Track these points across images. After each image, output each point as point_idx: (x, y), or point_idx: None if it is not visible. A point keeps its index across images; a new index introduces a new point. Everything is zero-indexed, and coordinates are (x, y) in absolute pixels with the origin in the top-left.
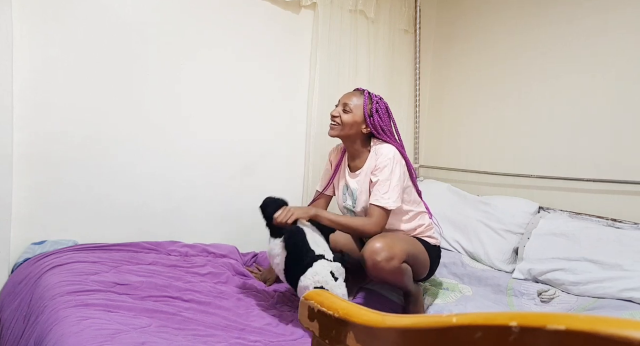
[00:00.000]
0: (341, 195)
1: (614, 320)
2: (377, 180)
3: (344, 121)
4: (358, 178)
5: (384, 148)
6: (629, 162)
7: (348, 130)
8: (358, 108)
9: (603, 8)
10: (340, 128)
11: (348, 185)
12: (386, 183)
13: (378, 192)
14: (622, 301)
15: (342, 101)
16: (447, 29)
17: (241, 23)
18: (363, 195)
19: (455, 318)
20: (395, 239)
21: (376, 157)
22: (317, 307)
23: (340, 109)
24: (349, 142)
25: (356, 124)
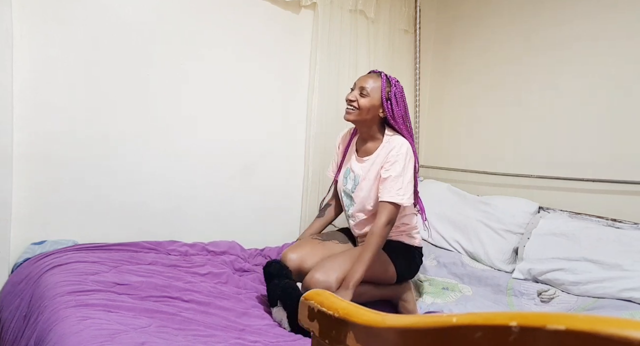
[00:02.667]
0: (342, 178)
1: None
2: (389, 175)
3: (361, 105)
4: (364, 164)
5: (398, 140)
6: (629, 162)
7: (365, 114)
8: (375, 91)
9: (603, 10)
10: (357, 113)
11: (352, 168)
12: (399, 179)
13: (392, 188)
14: (622, 301)
15: (359, 84)
16: (447, 29)
17: (241, 23)
18: (366, 183)
19: (455, 318)
20: (334, 265)
21: (389, 148)
22: (317, 307)
23: (357, 93)
24: (364, 127)
25: (373, 108)
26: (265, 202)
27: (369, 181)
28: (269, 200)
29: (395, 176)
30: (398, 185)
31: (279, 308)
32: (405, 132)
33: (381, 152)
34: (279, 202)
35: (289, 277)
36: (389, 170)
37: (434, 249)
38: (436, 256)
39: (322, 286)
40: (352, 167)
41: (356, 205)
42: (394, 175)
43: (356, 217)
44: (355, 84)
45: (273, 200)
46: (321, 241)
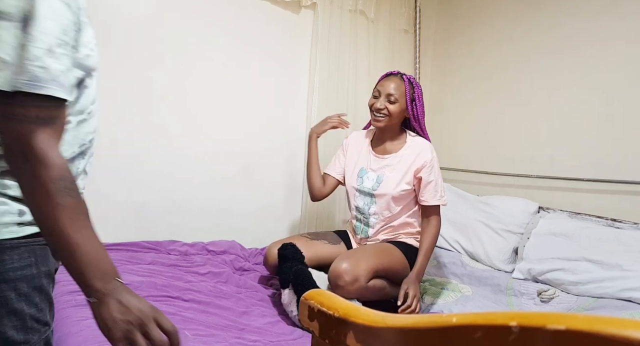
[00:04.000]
0: (356, 178)
1: (614, 320)
2: (432, 180)
3: (391, 112)
4: (386, 162)
5: (423, 143)
6: (629, 162)
7: (395, 120)
8: (402, 96)
9: (606, 11)
10: (388, 120)
11: (370, 168)
12: (439, 181)
13: (436, 192)
14: (622, 301)
15: (385, 91)
16: (447, 29)
17: (241, 23)
18: (391, 182)
19: (455, 318)
20: (362, 255)
21: (419, 150)
22: (317, 307)
23: (385, 100)
24: (390, 129)
25: (402, 112)
26: (265, 202)
27: (395, 179)
28: (269, 200)
29: (434, 180)
30: (440, 187)
31: (290, 291)
32: (425, 131)
33: (407, 152)
34: (279, 201)
35: (301, 262)
36: (430, 175)
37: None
38: (436, 256)
39: (350, 275)
40: (371, 166)
41: (379, 203)
42: (433, 179)
43: (378, 215)
44: (379, 90)
45: (273, 200)
46: (309, 240)
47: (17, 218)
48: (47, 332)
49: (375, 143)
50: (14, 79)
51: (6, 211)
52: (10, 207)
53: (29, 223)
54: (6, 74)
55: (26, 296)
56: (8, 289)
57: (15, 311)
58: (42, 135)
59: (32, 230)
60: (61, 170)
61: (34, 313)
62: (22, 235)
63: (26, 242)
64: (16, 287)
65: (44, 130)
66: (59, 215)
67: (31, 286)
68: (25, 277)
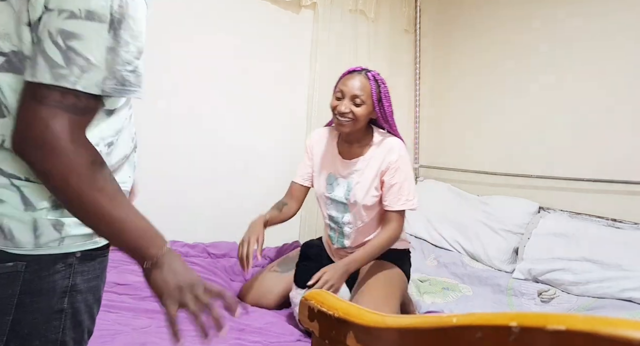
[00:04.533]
0: (326, 185)
1: (614, 320)
2: (395, 182)
3: (358, 115)
4: (355, 167)
5: (393, 142)
6: (629, 162)
7: (361, 123)
8: (368, 97)
9: (606, 11)
10: (354, 123)
11: (338, 173)
12: (405, 184)
13: (401, 195)
14: (622, 301)
15: (349, 92)
16: (447, 28)
17: (241, 23)
18: (361, 188)
19: (456, 319)
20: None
21: (385, 152)
22: (318, 307)
23: (350, 103)
24: (356, 132)
25: (369, 114)
26: (265, 202)
27: (364, 185)
28: (269, 200)
29: (400, 182)
30: (406, 191)
31: (303, 291)
32: (396, 130)
33: (375, 154)
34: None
35: (322, 263)
36: (394, 177)
37: (434, 249)
38: (436, 256)
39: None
40: (339, 172)
41: (353, 213)
42: (399, 181)
43: (353, 225)
44: (343, 91)
45: (273, 200)
46: (279, 273)
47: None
48: (86, 344)
49: (341, 146)
50: (103, 83)
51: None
52: None
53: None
54: (93, 76)
55: (89, 308)
56: (80, 301)
57: (79, 323)
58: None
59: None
60: (96, 153)
61: (89, 325)
62: (102, 245)
63: (101, 254)
64: (86, 299)
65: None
66: (100, 198)
67: (95, 298)
68: (93, 289)
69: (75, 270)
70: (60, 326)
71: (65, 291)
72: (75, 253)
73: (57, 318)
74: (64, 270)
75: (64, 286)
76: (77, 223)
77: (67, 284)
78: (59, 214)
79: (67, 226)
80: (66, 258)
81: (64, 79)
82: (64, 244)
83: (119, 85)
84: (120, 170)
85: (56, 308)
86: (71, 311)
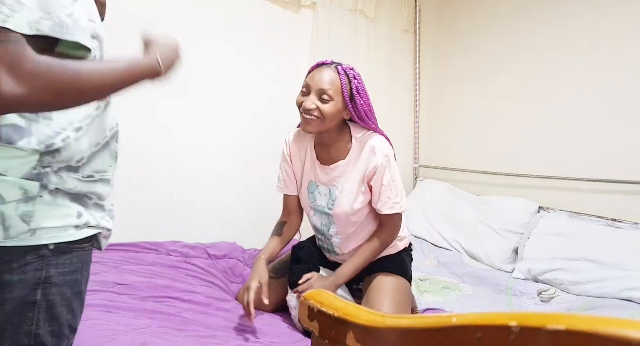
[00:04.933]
0: (307, 194)
1: (614, 320)
2: (382, 185)
3: (325, 113)
4: (335, 173)
5: (374, 141)
6: (629, 162)
7: (329, 122)
8: (337, 93)
9: (606, 10)
10: (321, 122)
11: (318, 181)
12: (392, 186)
13: (388, 199)
14: (622, 301)
15: (315, 87)
16: (447, 28)
17: (241, 23)
18: (346, 197)
19: (456, 319)
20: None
21: (368, 153)
22: (317, 307)
23: (316, 99)
24: (327, 133)
25: (339, 113)
26: (265, 202)
27: (350, 193)
28: (269, 200)
29: (388, 184)
30: (394, 193)
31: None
32: (375, 127)
33: (356, 156)
34: (279, 201)
35: (315, 264)
36: (380, 180)
37: (434, 249)
38: (436, 256)
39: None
40: (319, 180)
41: (339, 223)
42: (387, 184)
43: (342, 235)
44: (310, 85)
45: (273, 200)
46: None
47: (76, 221)
48: (73, 340)
49: (318, 150)
50: (38, 23)
51: (68, 214)
52: (71, 210)
53: (85, 226)
54: (24, 16)
55: (68, 302)
56: (55, 294)
57: (56, 317)
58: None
59: (87, 233)
60: (55, 63)
61: (70, 319)
62: (78, 238)
63: (79, 248)
64: (62, 292)
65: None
66: (92, 80)
67: (74, 292)
68: (71, 282)
69: (49, 262)
70: (34, 318)
71: (38, 283)
72: (48, 245)
73: (30, 310)
74: (35, 262)
75: (36, 278)
76: (48, 216)
77: (40, 276)
78: (30, 207)
79: (37, 218)
80: (38, 251)
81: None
82: (36, 236)
83: (58, 27)
84: (97, 158)
85: (29, 300)
86: (45, 304)
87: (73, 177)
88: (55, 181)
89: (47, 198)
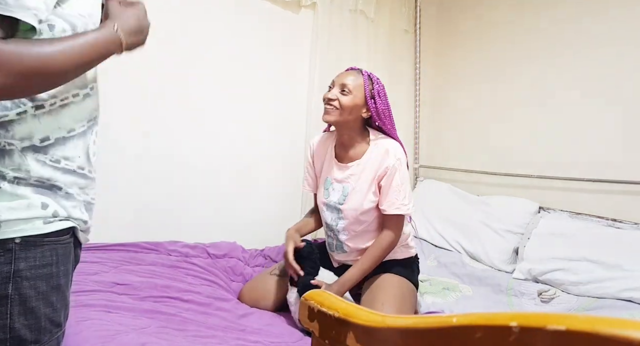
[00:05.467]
0: (323, 190)
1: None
2: (391, 186)
3: (343, 104)
4: (350, 170)
5: (389, 144)
6: (629, 162)
7: (347, 114)
8: (358, 89)
9: (605, 10)
10: (339, 113)
11: (334, 178)
12: (401, 188)
13: (395, 199)
14: (622, 301)
15: (339, 82)
16: (447, 28)
17: (240, 23)
18: (357, 194)
19: (456, 319)
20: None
21: (382, 155)
22: (317, 307)
23: (338, 91)
24: (345, 129)
25: (357, 108)
26: (265, 202)
27: (361, 190)
28: (269, 200)
29: (396, 186)
30: (402, 195)
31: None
32: (394, 131)
33: (371, 157)
34: (278, 201)
35: (315, 262)
36: (390, 181)
37: (434, 249)
38: (436, 256)
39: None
40: (335, 176)
41: (347, 219)
42: (395, 185)
43: (349, 231)
44: (334, 81)
45: (273, 200)
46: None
47: (42, 213)
48: (59, 333)
49: (338, 149)
50: None
51: (30, 204)
52: (32, 201)
53: (53, 217)
54: None
55: (44, 296)
56: (28, 287)
57: (32, 310)
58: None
59: (58, 227)
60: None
61: (49, 313)
62: (47, 231)
63: (50, 240)
64: (35, 285)
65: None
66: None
67: (50, 286)
68: (45, 276)
69: (17, 256)
70: (7, 312)
71: (7, 277)
72: (14, 239)
73: (3, 303)
74: (2, 255)
75: (5, 272)
76: (10, 208)
77: (9, 270)
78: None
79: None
80: (5, 244)
81: None
82: (1, 230)
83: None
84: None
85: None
86: (18, 298)
87: (39, 159)
88: (18, 162)
89: (7, 188)
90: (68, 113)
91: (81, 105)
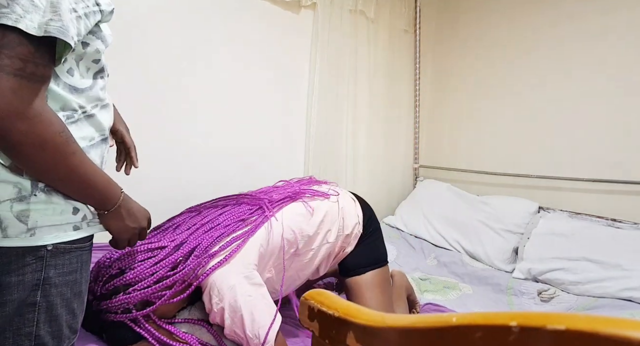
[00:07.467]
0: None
1: (614, 320)
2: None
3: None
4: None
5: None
6: (628, 162)
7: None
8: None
9: (605, 10)
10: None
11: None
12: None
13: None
14: (622, 300)
15: None
16: (447, 29)
17: (241, 23)
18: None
19: (455, 318)
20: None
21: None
22: (317, 307)
23: None
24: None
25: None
26: None
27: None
28: None
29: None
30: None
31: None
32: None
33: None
34: None
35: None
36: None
37: (434, 248)
38: (436, 255)
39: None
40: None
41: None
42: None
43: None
44: None
45: None
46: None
47: (73, 218)
48: (74, 340)
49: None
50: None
51: (62, 211)
52: (64, 207)
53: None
54: (36, 18)
55: (67, 303)
56: (55, 295)
57: (56, 318)
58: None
59: (85, 233)
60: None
61: (69, 320)
62: (76, 238)
63: (77, 247)
64: (62, 293)
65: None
66: (72, 160)
67: (73, 293)
68: (70, 283)
69: (48, 263)
70: (34, 319)
71: (37, 284)
72: (46, 246)
73: (31, 311)
74: (34, 263)
75: (35, 280)
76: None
77: (39, 277)
78: (24, 205)
79: (33, 217)
80: (37, 251)
81: (5, 17)
82: (35, 236)
83: (63, 28)
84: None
85: (28, 301)
86: (45, 305)
87: None
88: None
89: (42, 197)
90: (91, 123)
91: (100, 116)
